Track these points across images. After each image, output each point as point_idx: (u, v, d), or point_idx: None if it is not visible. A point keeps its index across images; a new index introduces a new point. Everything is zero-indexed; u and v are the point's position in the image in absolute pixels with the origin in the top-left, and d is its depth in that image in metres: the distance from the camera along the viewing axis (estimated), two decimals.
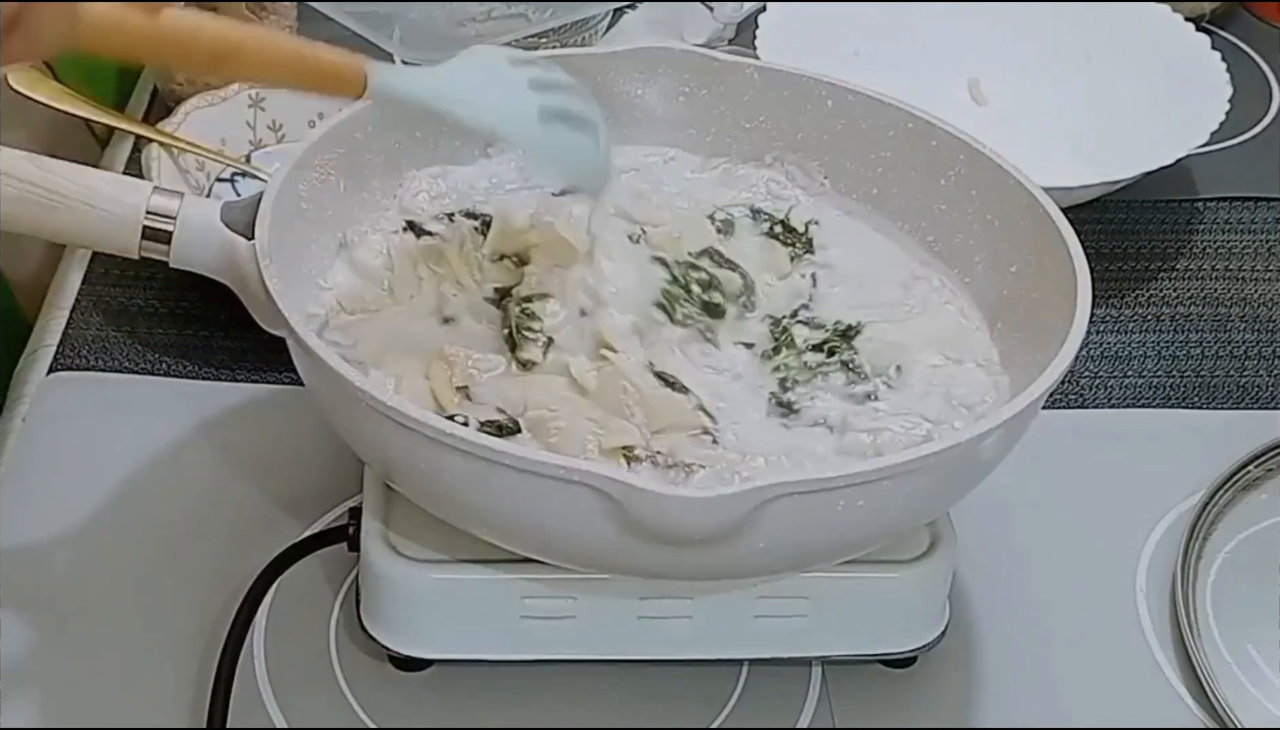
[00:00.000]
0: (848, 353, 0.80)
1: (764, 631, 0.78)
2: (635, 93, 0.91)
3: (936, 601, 0.80)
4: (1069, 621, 0.85)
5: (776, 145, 0.91)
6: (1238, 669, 0.83)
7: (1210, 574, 0.87)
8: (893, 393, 0.79)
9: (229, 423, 0.92)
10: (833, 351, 0.81)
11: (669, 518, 0.66)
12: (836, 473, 0.69)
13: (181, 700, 0.78)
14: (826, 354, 0.80)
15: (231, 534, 0.85)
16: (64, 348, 0.96)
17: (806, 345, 0.81)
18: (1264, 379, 1.01)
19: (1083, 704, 0.82)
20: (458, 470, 0.68)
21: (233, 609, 0.80)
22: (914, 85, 0.97)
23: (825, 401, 0.78)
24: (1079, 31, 1.18)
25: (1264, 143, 1.20)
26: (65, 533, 0.85)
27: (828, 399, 0.78)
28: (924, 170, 0.88)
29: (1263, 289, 1.08)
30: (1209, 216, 1.13)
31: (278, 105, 1.06)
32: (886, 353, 0.80)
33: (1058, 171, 0.96)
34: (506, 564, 0.75)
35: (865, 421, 0.77)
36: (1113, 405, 0.99)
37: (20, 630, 0.80)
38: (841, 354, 0.80)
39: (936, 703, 0.81)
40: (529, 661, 0.78)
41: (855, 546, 0.75)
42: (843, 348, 0.81)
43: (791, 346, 0.81)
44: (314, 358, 0.71)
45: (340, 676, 0.80)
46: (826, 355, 0.80)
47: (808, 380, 0.79)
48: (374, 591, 0.78)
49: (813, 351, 0.81)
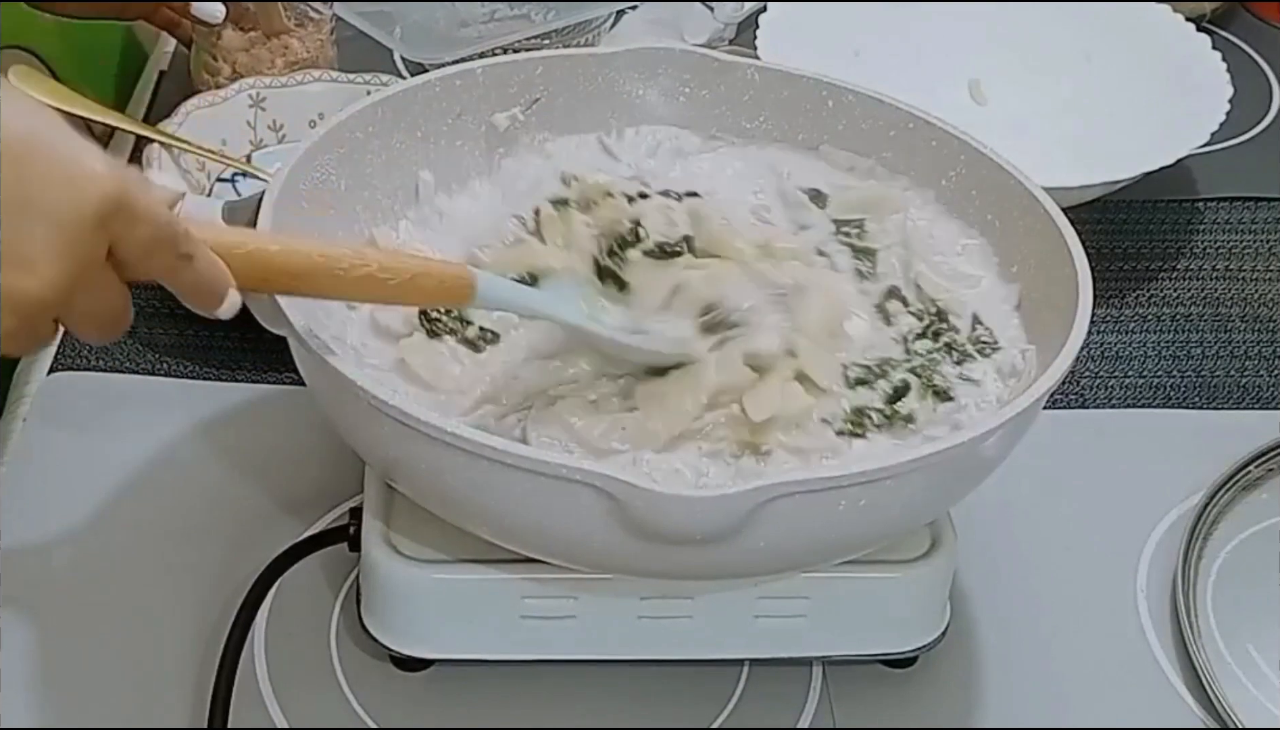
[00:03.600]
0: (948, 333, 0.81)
1: (764, 631, 0.78)
2: (635, 93, 0.91)
3: (936, 601, 0.80)
4: (1069, 621, 0.85)
5: (776, 145, 0.91)
6: (1238, 669, 0.83)
7: (1210, 574, 0.87)
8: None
9: (229, 423, 0.92)
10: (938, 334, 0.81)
11: (669, 517, 0.66)
12: (836, 473, 0.69)
13: (182, 700, 0.78)
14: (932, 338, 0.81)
15: (231, 534, 0.85)
16: (64, 348, 0.96)
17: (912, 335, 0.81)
18: (1264, 379, 1.01)
19: (1083, 704, 0.82)
20: (458, 470, 0.68)
21: (233, 609, 0.80)
22: (914, 85, 0.97)
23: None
24: (1079, 31, 1.18)
25: (1264, 143, 1.20)
26: (65, 533, 0.85)
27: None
28: (924, 170, 0.88)
29: (1263, 289, 1.08)
30: (1209, 216, 1.13)
31: (278, 105, 1.06)
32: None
33: (1058, 171, 0.96)
34: (506, 564, 0.75)
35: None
36: (1113, 405, 0.99)
37: (20, 630, 0.80)
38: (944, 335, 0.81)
39: (936, 703, 0.81)
40: (529, 661, 0.78)
41: (856, 546, 0.75)
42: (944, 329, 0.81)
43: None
44: (315, 357, 0.71)
45: (340, 676, 0.80)
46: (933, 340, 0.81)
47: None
48: (374, 591, 0.78)
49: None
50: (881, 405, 0.77)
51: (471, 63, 0.89)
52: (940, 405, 0.77)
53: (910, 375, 0.78)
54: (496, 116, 0.89)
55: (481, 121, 0.89)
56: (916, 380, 0.78)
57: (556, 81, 0.90)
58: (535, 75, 0.90)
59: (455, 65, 0.89)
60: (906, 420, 0.76)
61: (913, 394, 0.77)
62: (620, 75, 0.91)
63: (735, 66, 0.92)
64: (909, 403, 0.77)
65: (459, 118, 0.88)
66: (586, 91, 0.91)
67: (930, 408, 0.77)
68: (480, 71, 0.88)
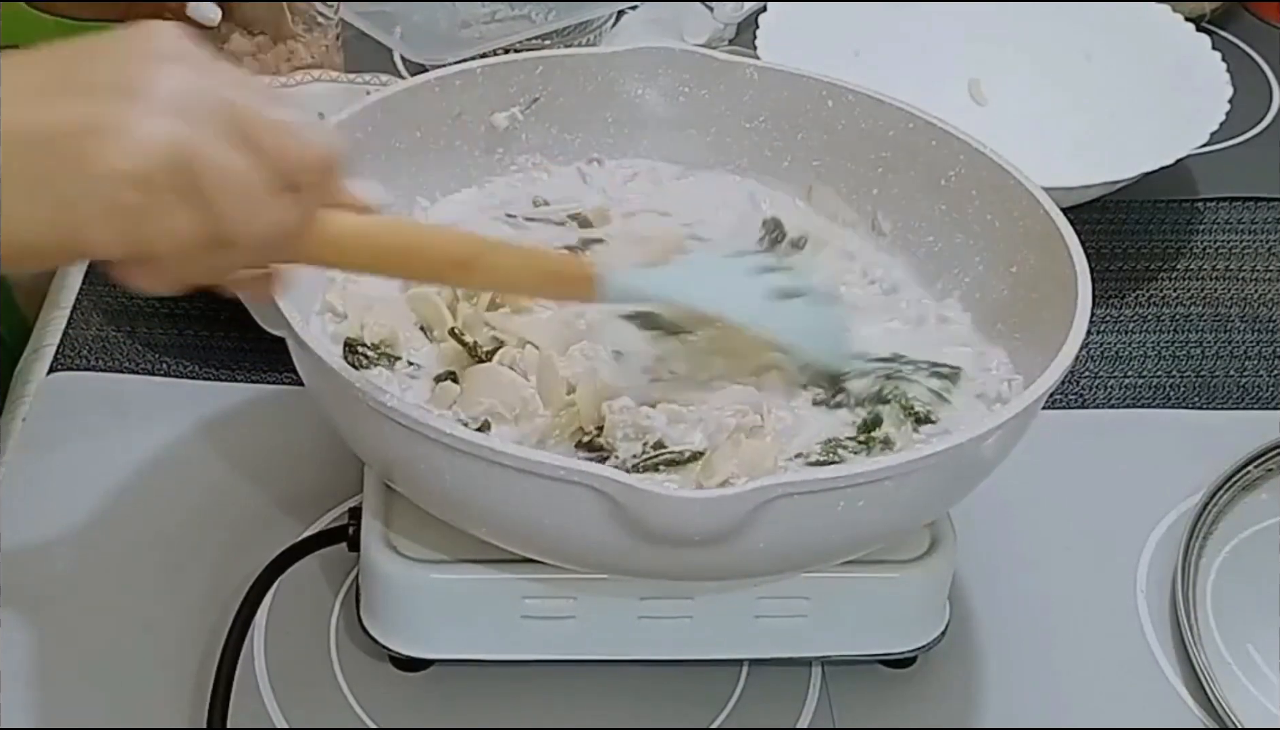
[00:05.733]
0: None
1: (764, 631, 0.78)
2: (635, 93, 0.91)
3: (936, 601, 0.80)
4: (1069, 621, 0.85)
5: (776, 145, 0.91)
6: (1238, 669, 0.83)
7: (1210, 574, 0.87)
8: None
9: (229, 423, 0.92)
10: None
11: (669, 518, 0.66)
12: (836, 474, 0.69)
13: (181, 700, 0.78)
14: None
15: (231, 534, 0.85)
16: (64, 348, 0.96)
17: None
18: (1264, 379, 1.01)
19: (1083, 704, 0.82)
20: (458, 470, 0.68)
21: (233, 609, 0.80)
22: (914, 85, 0.97)
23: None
24: (1079, 31, 1.18)
25: (1264, 143, 1.20)
26: (65, 533, 0.85)
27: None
28: (924, 170, 0.88)
29: (1263, 289, 1.08)
30: (1209, 216, 1.13)
31: None
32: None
33: (1058, 171, 0.96)
34: (506, 564, 0.75)
35: None
36: (1113, 405, 0.99)
37: (20, 630, 0.80)
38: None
39: (936, 703, 0.81)
40: (529, 661, 0.78)
41: (855, 547, 0.75)
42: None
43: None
44: (314, 358, 0.71)
45: (340, 676, 0.80)
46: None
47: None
48: (374, 591, 0.78)
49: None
50: (854, 434, 0.77)
51: (471, 63, 0.89)
52: (922, 427, 0.77)
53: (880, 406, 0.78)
54: (496, 116, 0.89)
55: (481, 121, 0.89)
56: (887, 406, 0.78)
57: (556, 81, 0.90)
58: (535, 75, 0.90)
59: (455, 65, 0.89)
60: (885, 443, 0.76)
61: (887, 421, 0.77)
62: (620, 75, 0.91)
63: (735, 66, 0.92)
64: (884, 429, 0.77)
65: (459, 118, 0.88)
66: (586, 91, 0.91)
67: (908, 433, 0.77)
68: (480, 72, 0.88)
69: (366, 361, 0.78)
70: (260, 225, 0.61)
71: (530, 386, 0.76)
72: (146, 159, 0.57)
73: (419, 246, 0.69)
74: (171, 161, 0.58)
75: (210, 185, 0.59)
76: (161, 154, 0.57)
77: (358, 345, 0.79)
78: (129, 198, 0.57)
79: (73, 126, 0.57)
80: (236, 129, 0.59)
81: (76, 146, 0.57)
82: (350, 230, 0.66)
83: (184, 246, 0.59)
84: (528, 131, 0.91)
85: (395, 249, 0.68)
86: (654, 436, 0.74)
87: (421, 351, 0.80)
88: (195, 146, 0.58)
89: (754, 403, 0.76)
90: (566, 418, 0.75)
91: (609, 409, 0.74)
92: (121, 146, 0.57)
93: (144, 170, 0.57)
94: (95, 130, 0.57)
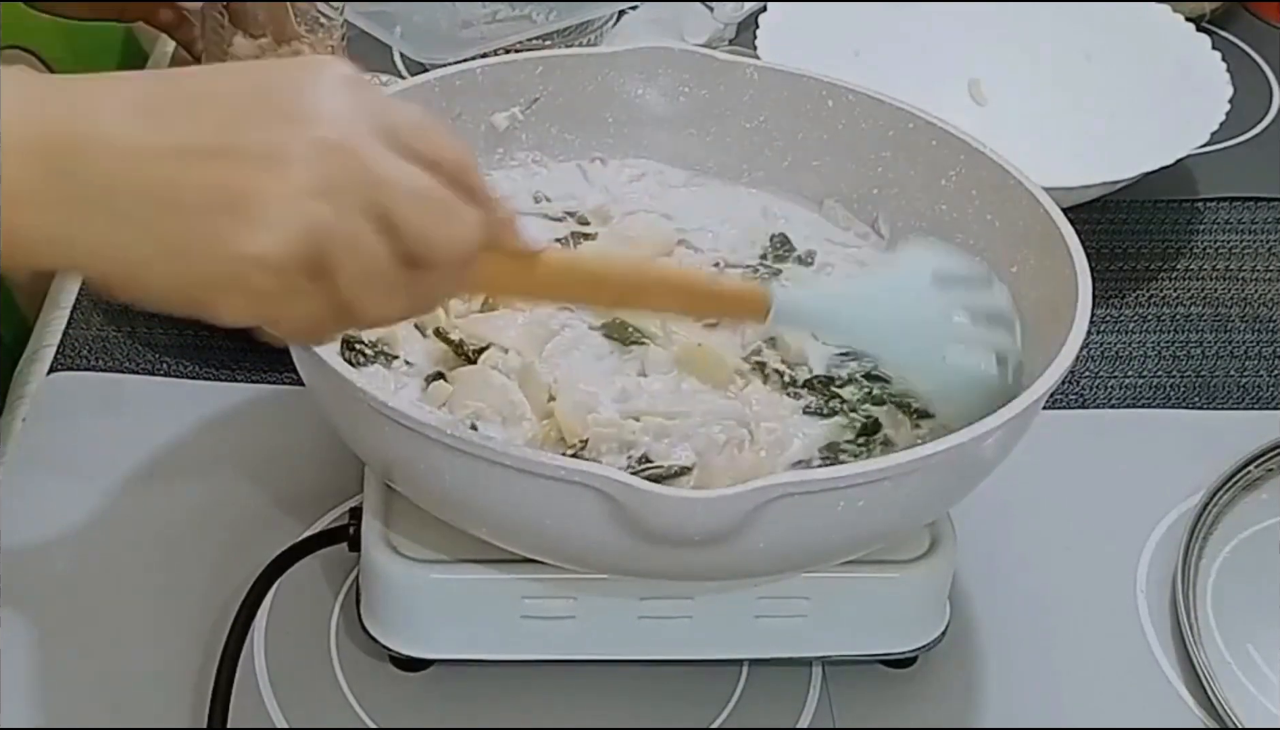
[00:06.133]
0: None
1: (764, 631, 0.78)
2: (635, 93, 0.91)
3: (936, 601, 0.80)
4: (1069, 621, 0.85)
5: (776, 145, 0.91)
6: (1238, 669, 0.83)
7: (1210, 574, 0.87)
8: None
9: (229, 423, 0.92)
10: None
11: (669, 518, 0.66)
12: (836, 474, 0.69)
13: (182, 700, 0.78)
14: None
15: (231, 534, 0.85)
16: (64, 348, 0.96)
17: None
18: (1264, 379, 1.01)
19: (1083, 704, 0.81)
20: (458, 470, 0.68)
21: (233, 609, 0.80)
22: (914, 85, 0.97)
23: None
24: (1079, 31, 1.18)
25: (1264, 143, 1.20)
26: (65, 533, 0.85)
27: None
28: (924, 170, 0.88)
29: (1263, 289, 1.08)
30: (1209, 216, 1.13)
31: None
32: None
33: (1058, 171, 0.96)
34: (506, 564, 0.75)
35: None
36: (1113, 405, 0.98)
37: (20, 630, 0.80)
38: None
39: (936, 703, 0.81)
40: (529, 661, 0.78)
41: (855, 546, 0.75)
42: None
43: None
44: (315, 358, 0.71)
45: (340, 676, 0.80)
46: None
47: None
48: (374, 591, 0.78)
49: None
50: (853, 438, 0.77)
51: (471, 63, 0.89)
52: (923, 421, 0.77)
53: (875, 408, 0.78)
54: (496, 116, 0.90)
55: (481, 121, 0.89)
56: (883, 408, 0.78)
57: (556, 81, 0.90)
58: (535, 75, 0.90)
59: (455, 65, 0.89)
60: (885, 445, 0.76)
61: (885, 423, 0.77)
62: (620, 75, 0.91)
63: (735, 66, 0.92)
64: (884, 432, 0.77)
65: (458, 118, 0.88)
66: (586, 91, 0.91)
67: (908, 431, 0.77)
68: (480, 71, 0.88)
69: (364, 359, 0.78)
70: (388, 310, 0.61)
71: (519, 391, 0.76)
72: (281, 246, 0.57)
73: (597, 277, 0.69)
74: (305, 250, 0.57)
75: (342, 274, 0.58)
76: (297, 241, 0.57)
77: (355, 343, 0.79)
78: (260, 281, 0.57)
79: (213, 199, 0.56)
80: (377, 209, 0.58)
81: (213, 224, 0.56)
82: (507, 272, 0.66)
83: (312, 321, 0.60)
84: (528, 131, 0.91)
85: (561, 282, 0.68)
86: (639, 451, 0.74)
87: (416, 349, 0.80)
88: (332, 232, 0.57)
89: (738, 416, 0.76)
90: (550, 426, 0.75)
91: (594, 421, 0.74)
92: (256, 231, 0.56)
93: (277, 258, 0.57)
94: (233, 207, 0.56)
